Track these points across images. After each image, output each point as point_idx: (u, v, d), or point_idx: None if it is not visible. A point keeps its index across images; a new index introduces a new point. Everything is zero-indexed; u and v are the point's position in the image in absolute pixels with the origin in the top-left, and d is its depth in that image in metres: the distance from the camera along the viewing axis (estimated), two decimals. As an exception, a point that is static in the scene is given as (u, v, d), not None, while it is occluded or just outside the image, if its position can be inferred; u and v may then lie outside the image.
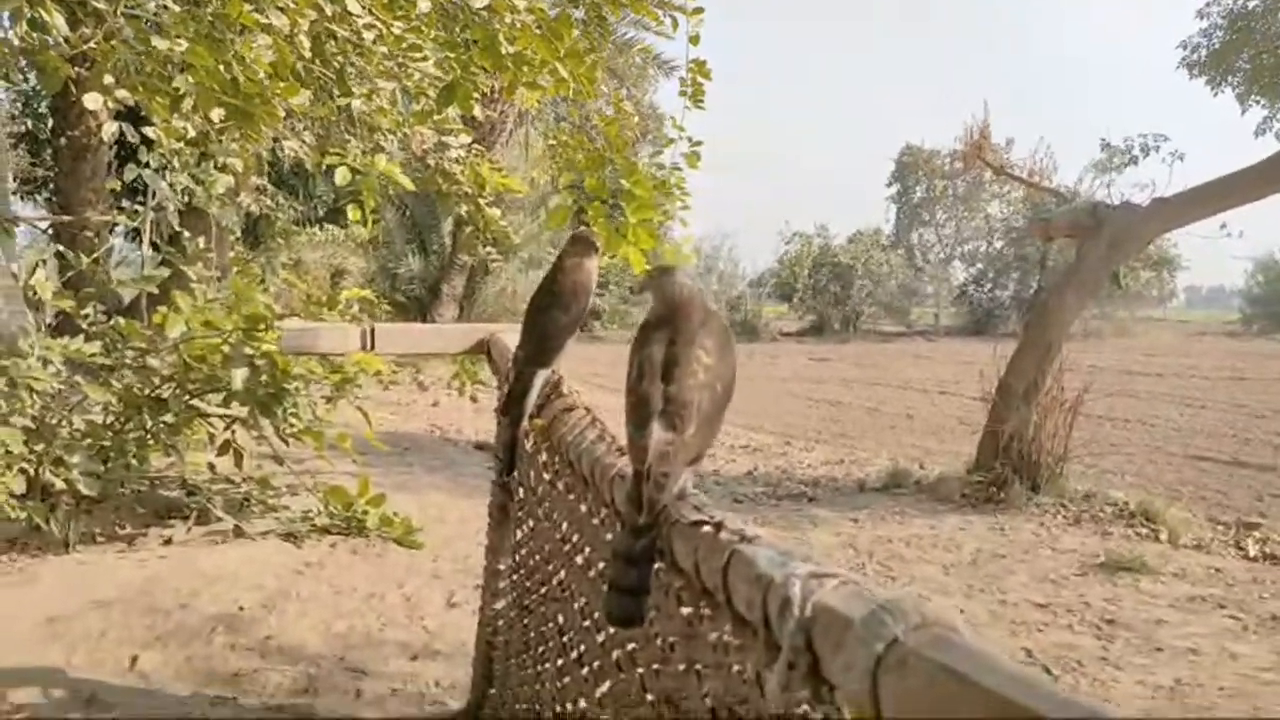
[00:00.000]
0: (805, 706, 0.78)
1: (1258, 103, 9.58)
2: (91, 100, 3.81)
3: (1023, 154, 28.87)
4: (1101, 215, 6.96)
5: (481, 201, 4.89)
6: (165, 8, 3.52)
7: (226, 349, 4.52)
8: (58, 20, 3.42)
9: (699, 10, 3.59)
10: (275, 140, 6.03)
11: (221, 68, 3.32)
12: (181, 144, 5.00)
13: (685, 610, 1.10)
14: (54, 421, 4.52)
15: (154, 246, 6.51)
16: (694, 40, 3.62)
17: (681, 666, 1.11)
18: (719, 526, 0.99)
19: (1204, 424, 11.13)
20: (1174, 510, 5.96)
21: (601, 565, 1.45)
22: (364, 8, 3.62)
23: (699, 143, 3.80)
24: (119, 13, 3.47)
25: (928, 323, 32.25)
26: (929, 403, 13.28)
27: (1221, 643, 3.95)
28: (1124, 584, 4.70)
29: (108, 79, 3.77)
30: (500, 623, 2.41)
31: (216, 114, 3.59)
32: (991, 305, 30.71)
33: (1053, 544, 5.44)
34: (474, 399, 6.00)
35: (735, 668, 0.95)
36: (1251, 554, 5.26)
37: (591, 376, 11.87)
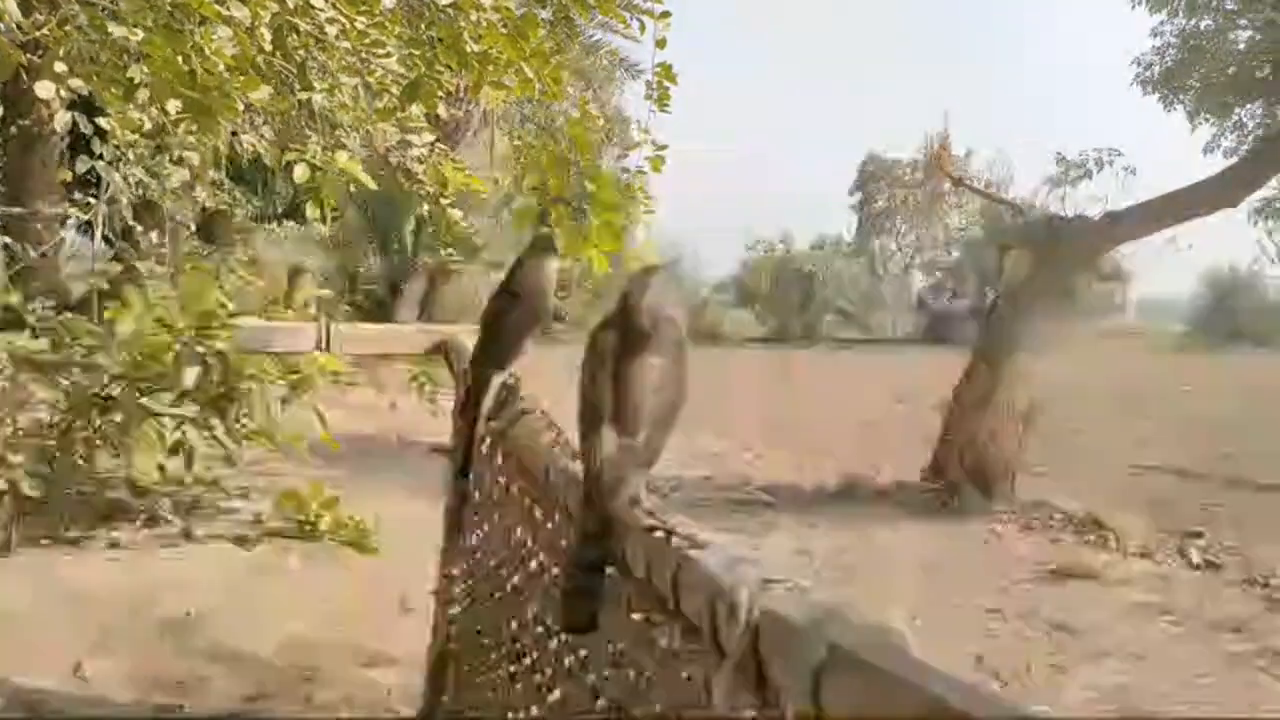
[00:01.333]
0: (751, 711, 0.79)
1: (1207, 120, 9.84)
2: (44, 89, 3.71)
3: (981, 165, 29.40)
4: (1056, 228, 7.11)
5: (444, 202, 4.85)
6: (123, -6, 3.45)
7: (178, 347, 4.44)
8: (9, 4, 3.34)
9: (666, 14, 3.61)
10: (233, 134, 5.93)
11: (179, 59, 3.26)
12: (136, 136, 4.91)
13: (636, 616, 1.10)
14: (-3, 419, 4.40)
15: (106, 241, 6.37)
16: (661, 43, 3.63)
17: (632, 672, 1.11)
18: (670, 532, 1.00)
19: (1151, 434, 11.38)
20: (1121, 519, 6.09)
21: (555, 570, 1.45)
22: (327, 1, 3.58)
23: (663, 146, 3.80)
24: (74, -2, 3.40)
25: (887, 331, 32.62)
26: (886, 410, 13.42)
27: (1165, 648, 4.04)
28: (1073, 591, 4.79)
29: (60, 67, 3.68)
30: (453, 628, 2.39)
31: (173, 106, 3.52)
32: (949, 315, 31.16)
33: (1004, 551, 5.53)
34: (432, 401, 5.95)
35: (685, 673, 0.96)
36: (1195, 562, 5.39)
37: (549, 381, 11.83)
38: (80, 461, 4.58)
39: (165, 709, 2.93)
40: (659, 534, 1.01)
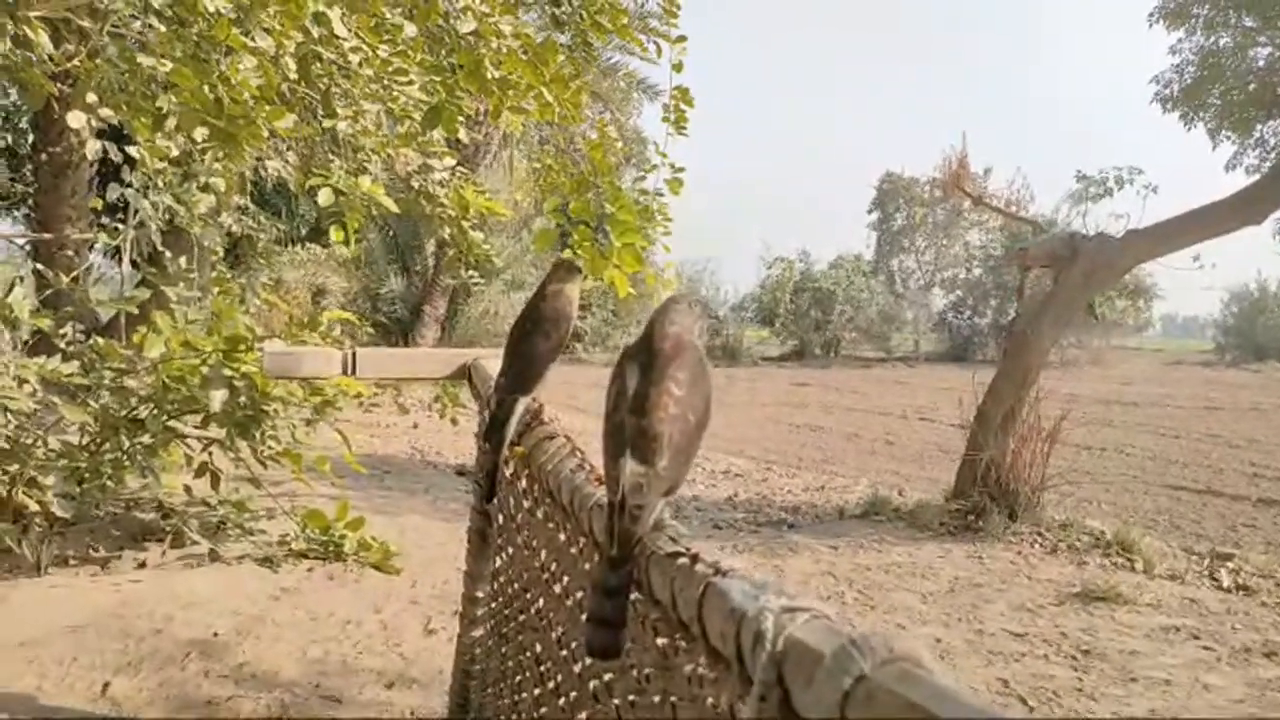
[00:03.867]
0: (777, 740, 0.79)
1: (1228, 138, 9.76)
2: (75, 119, 3.81)
3: (1000, 183, 29.31)
4: (1077, 246, 7.07)
5: (465, 224, 4.91)
6: (150, 27, 3.53)
7: (205, 370, 4.50)
8: (42, 37, 3.43)
9: (682, 38, 3.65)
10: (258, 160, 6.03)
11: (206, 88, 3.34)
12: (165, 164, 5.00)
13: (661, 641, 1.11)
14: (29, 442, 4.47)
15: (134, 265, 6.47)
16: (677, 67, 3.67)
17: (657, 698, 1.11)
18: (695, 559, 1.00)
19: (1179, 453, 11.25)
20: (1149, 540, 6.02)
21: (580, 595, 1.45)
22: (350, 31, 3.65)
23: (681, 169, 3.84)
24: (104, 31, 3.49)
25: (907, 349, 32.45)
26: (908, 429, 13.35)
27: (1195, 674, 3.98)
28: (1100, 614, 4.73)
29: (91, 97, 3.78)
30: (478, 651, 2.40)
31: (200, 134, 3.60)
32: (970, 332, 30.98)
33: (1030, 573, 5.47)
34: (454, 422, 5.98)
35: (709, 700, 0.96)
36: (1225, 585, 5.31)
37: (570, 400, 11.87)
38: (109, 483, 4.64)
39: (191, 730, 2.95)
40: (683, 560, 1.02)
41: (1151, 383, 22.62)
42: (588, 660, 1.35)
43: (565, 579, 1.57)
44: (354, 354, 2.70)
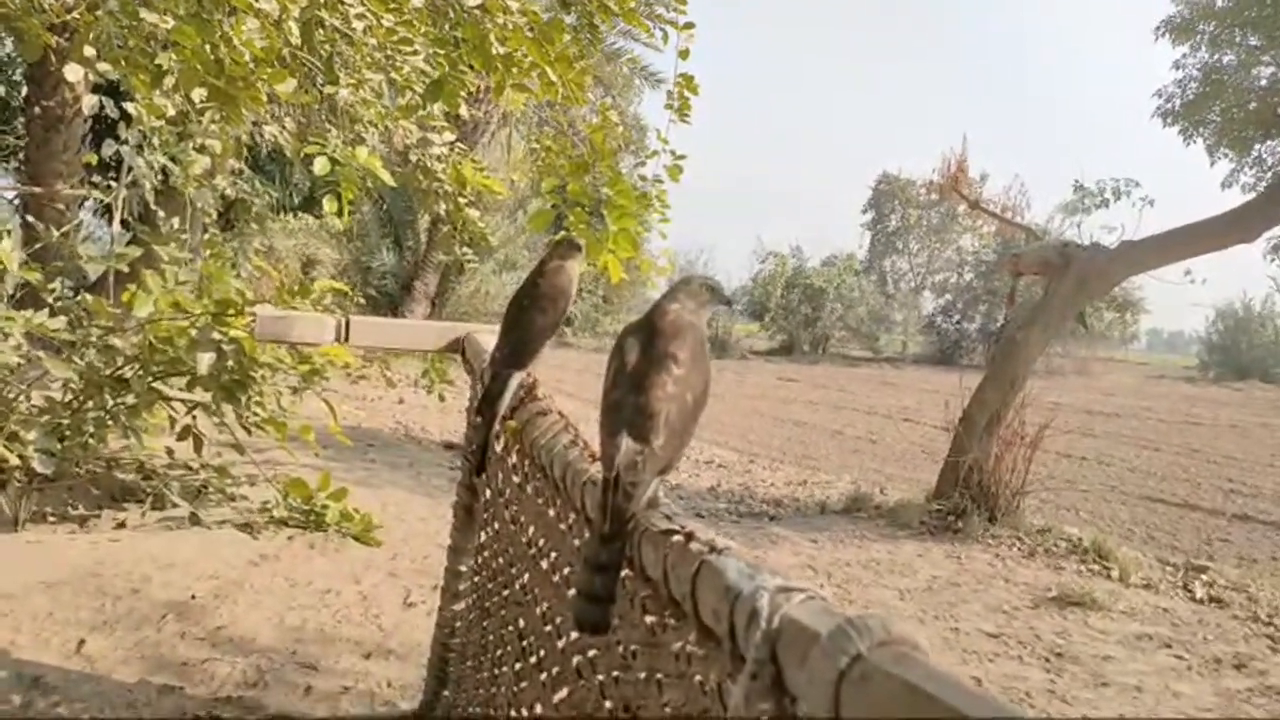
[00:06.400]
0: (767, 718, 0.79)
1: (1226, 156, 9.80)
2: (72, 72, 3.76)
3: (997, 190, 29.38)
4: (1070, 255, 7.09)
5: (461, 201, 4.87)
6: (153, -18, 3.49)
7: (194, 332, 4.46)
8: (42, -13, 3.38)
9: (690, 25, 3.63)
10: (255, 125, 5.96)
11: (208, 48, 3.29)
12: (161, 122, 4.94)
13: (649, 619, 1.11)
14: (11, 396, 4.43)
15: (124, 224, 6.41)
16: (683, 54, 3.64)
17: (642, 675, 1.11)
18: (689, 536, 1.00)
19: (1158, 466, 11.35)
20: (1125, 549, 6.07)
21: (567, 570, 1.45)
22: (357, -2, 3.60)
23: (682, 156, 3.81)
24: (105, -16, 3.44)
25: (895, 350, 32.60)
26: (893, 429, 13.42)
27: (1166, 681, 4.02)
28: (1074, 619, 4.77)
29: (89, 51, 3.73)
30: (458, 624, 2.40)
31: (198, 94, 3.55)
32: (958, 336, 31.13)
33: (1007, 575, 5.52)
34: (441, 398, 5.96)
35: (697, 678, 0.96)
36: (1198, 596, 5.36)
37: (558, 384, 11.85)
38: (91, 441, 4.60)
39: (165, 690, 2.93)
40: (678, 538, 1.02)
41: (1134, 395, 22.80)
42: (573, 635, 1.35)
43: (553, 555, 1.57)
44: (347, 321, 2.68)
